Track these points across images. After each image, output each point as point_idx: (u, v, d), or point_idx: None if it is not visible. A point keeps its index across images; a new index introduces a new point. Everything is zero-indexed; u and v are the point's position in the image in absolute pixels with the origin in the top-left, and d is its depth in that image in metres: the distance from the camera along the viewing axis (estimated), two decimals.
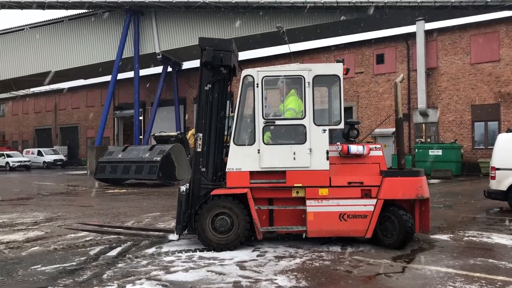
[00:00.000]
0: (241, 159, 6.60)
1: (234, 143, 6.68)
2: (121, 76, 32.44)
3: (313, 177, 6.50)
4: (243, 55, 33.90)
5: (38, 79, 34.77)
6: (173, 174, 18.68)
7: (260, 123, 6.58)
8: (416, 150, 22.85)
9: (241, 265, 5.78)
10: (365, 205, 6.49)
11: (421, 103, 25.02)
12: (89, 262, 6.08)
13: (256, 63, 31.93)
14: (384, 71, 26.84)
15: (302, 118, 6.56)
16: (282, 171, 6.55)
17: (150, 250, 6.66)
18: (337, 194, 6.50)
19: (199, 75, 6.96)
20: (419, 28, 25.03)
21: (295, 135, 6.65)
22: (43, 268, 5.79)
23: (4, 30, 34.20)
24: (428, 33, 25.24)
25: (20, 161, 36.53)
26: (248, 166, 6.58)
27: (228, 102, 7.19)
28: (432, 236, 7.48)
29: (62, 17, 32.58)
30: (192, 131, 24.49)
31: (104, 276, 5.37)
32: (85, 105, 42.27)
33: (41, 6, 29.97)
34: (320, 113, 6.84)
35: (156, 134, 23.94)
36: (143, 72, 33.26)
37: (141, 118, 34.90)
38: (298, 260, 5.98)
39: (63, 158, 39.41)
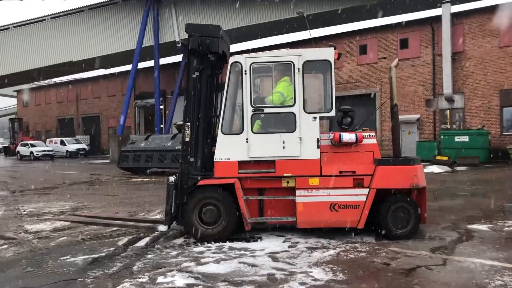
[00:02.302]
0: (229, 149, 6.42)
1: (222, 132, 6.48)
2: (141, 65, 32.46)
3: (303, 166, 6.30)
4: (262, 42, 33.63)
5: (59, 69, 35.06)
6: None
7: (248, 111, 6.36)
8: (442, 137, 22.29)
9: (273, 256, 5.60)
10: (357, 195, 6.25)
11: (447, 88, 24.36)
12: (118, 253, 5.98)
13: (273, 50, 31.57)
14: (408, 56, 26.18)
15: (291, 106, 6.33)
16: (272, 161, 6.36)
17: (179, 240, 6.53)
18: (328, 183, 6.27)
19: (187, 62, 6.74)
20: (445, 11, 24.28)
21: (284, 123, 6.41)
22: (72, 259, 5.71)
23: (26, 21, 34.43)
24: (454, 16, 24.48)
25: (44, 151, 37.02)
26: (237, 156, 6.40)
27: (218, 91, 6.92)
28: (469, 226, 7.17)
29: (83, 7, 32.65)
30: None
31: (134, 267, 5.25)
32: (106, 94, 42.53)
33: None
34: (312, 100, 6.68)
35: (177, 123, 23.80)
36: (163, 61, 33.20)
37: (161, 107, 34.95)
38: (332, 252, 5.76)
39: (86, 147, 39.83)
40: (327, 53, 6.37)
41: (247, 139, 6.36)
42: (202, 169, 6.62)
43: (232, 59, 6.51)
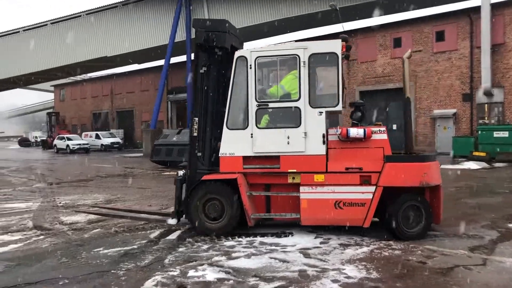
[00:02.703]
0: (234, 144, 6.38)
1: (227, 127, 6.44)
2: (173, 60, 32.76)
3: (308, 162, 6.16)
4: (293, 36, 33.31)
5: (94, 64, 35.81)
6: None
7: (253, 106, 6.30)
8: (479, 132, 21.54)
9: (305, 252, 5.51)
10: (363, 193, 6.00)
11: (485, 82, 23.50)
12: (150, 245, 6.02)
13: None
14: (445, 48, 25.40)
15: (296, 100, 6.19)
16: (276, 156, 6.27)
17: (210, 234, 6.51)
18: (334, 180, 6.09)
19: (194, 58, 6.71)
20: (484, 1, 23.38)
21: (289, 118, 6.28)
22: (105, 251, 5.78)
23: (62, 17, 35.29)
24: (494, 6, 23.55)
25: (79, 144, 37.94)
26: (241, 151, 6.36)
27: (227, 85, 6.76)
28: (510, 225, 6.88)
29: (116, 3, 33.19)
30: None
31: (166, 261, 5.27)
32: (139, 89, 43.20)
33: None
34: (318, 95, 6.48)
35: None
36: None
37: None
38: (365, 249, 5.63)
39: (120, 141, 40.61)
40: (334, 45, 6.15)
41: (251, 134, 6.31)
42: (210, 163, 6.62)
43: (237, 53, 6.44)
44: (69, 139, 38.68)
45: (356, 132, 6.04)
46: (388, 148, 6.12)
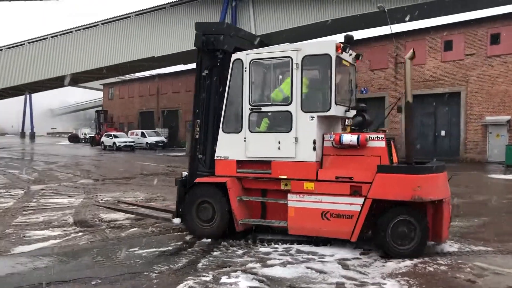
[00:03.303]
0: (228, 147, 6.29)
1: (223, 131, 6.37)
2: None
3: (298, 169, 5.86)
4: (341, 38, 32.64)
5: (141, 64, 36.60)
6: None
7: (246, 109, 6.14)
8: None
9: (343, 263, 5.25)
10: (351, 204, 5.56)
11: None
12: (185, 248, 5.94)
13: (352, 46, 30.64)
14: (500, 52, 24.15)
15: (288, 104, 5.92)
16: (268, 161, 6.05)
17: (244, 238, 6.36)
18: (323, 189, 5.73)
19: (197, 61, 6.68)
20: None
21: (280, 122, 6.05)
22: (140, 251, 5.75)
23: (112, 18, 36.27)
24: None
25: (125, 142, 38.93)
26: (235, 155, 6.25)
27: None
28: None
29: (164, 4, 33.78)
30: None
31: (199, 264, 5.16)
32: (185, 89, 43.83)
33: None
34: (311, 99, 6.13)
35: None
36: None
37: None
38: (408, 262, 5.29)
39: (164, 140, 41.34)
40: (327, 47, 5.81)
41: (245, 138, 6.17)
42: (210, 166, 6.55)
43: (234, 56, 6.32)
44: (115, 136, 39.77)
45: (349, 138, 5.66)
46: (386, 157, 5.61)
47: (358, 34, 31.28)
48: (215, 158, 6.41)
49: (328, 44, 5.84)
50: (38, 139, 70.52)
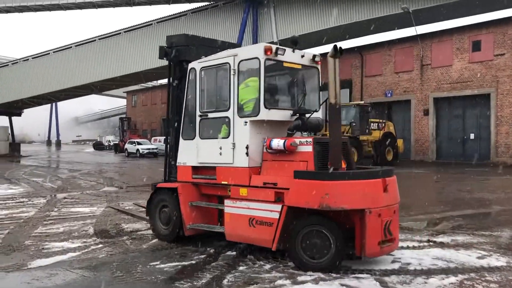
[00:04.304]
0: (186, 154, 6.47)
1: (182, 137, 6.56)
2: None
3: (236, 174, 5.82)
4: (364, 40, 32.17)
5: (164, 71, 36.68)
6: None
7: (197, 116, 6.29)
8: None
9: (381, 280, 4.82)
10: (271, 211, 5.34)
11: None
12: (209, 261, 5.58)
13: (376, 48, 30.06)
14: None
15: (227, 110, 5.91)
16: (213, 167, 6.13)
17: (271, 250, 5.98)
18: (254, 195, 5.59)
19: (168, 72, 7.00)
20: None
21: (220, 128, 6.07)
22: (162, 265, 5.42)
23: (133, 26, 36.52)
24: None
25: (149, 148, 39.04)
26: (191, 161, 6.41)
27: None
28: None
29: (186, 11, 33.83)
30: None
31: (224, 281, 4.80)
32: None
33: (167, 1, 31.49)
34: (245, 103, 5.89)
35: None
36: None
37: None
38: (453, 279, 4.83)
39: None
40: (257, 50, 5.66)
41: (197, 144, 6.29)
42: None
43: (189, 65, 6.47)
44: (139, 143, 39.95)
45: (277, 143, 5.42)
46: (312, 162, 5.24)
47: (382, 37, 30.75)
48: (176, 164, 6.65)
49: (257, 47, 5.76)
50: (64, 147, 71.70)
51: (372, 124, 23.26)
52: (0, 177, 18.04)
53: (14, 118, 45.91)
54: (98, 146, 62.74)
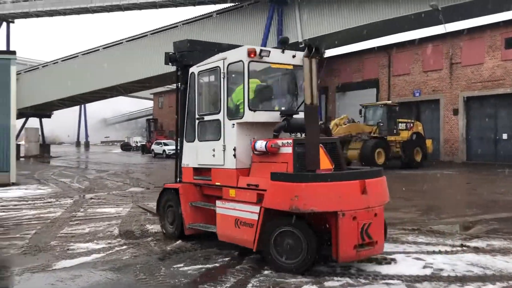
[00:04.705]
0: (188, 155, 6.69)
1: (185, 140, 6.78)
2: None
3: (226, 176, 5.93)
4: (391, 39, 31.56)
5: None
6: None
7: (196, 119, 6.47)
8: None
9: (412, 286, 4.60)
10: (252, 212, 5.42)
11: None
12: (233, 264, 5.47)
13: (403, 47, 29.47)
14: None
15: (218, 113, 6.01)
16: (209, 169, 6.29)
17: None
18: (240, 196, 5.68)
19: (175, 77, 7.21)
20: None
21: (214, 131, 6.19)
22: (185, 268, 5.33)
23: (159, 28, 36.87)
24: None
25: (175, 149, 39.27)
26: (192, 163, 6.60)
27: None
28: None
29: (211, 12, 33.95)
30: (335, 121, 23.41)
31: (249, 285, 4.67)
32: None
33: (192, 3, 31.68)
34: (234, 106, 6.02)
35: None
36: None
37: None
38: (490, 287, 4.57)
39: None
40: (241, 53, 5.70)
41: (196, 146, 6.49)
42: None
43: (190, 70, 6.61)
44: (165, 144, 40.28)
45: (260, 145, 5.45)
46: (291, 164, 5.18)
47: (410, 35, 30.09)
48: (181, 165, 6.85)
49: (241, 50, 5.74)
50: (92, 148, 73.13)
51: (400, 124, 22.79)
52: (30, 177, 18.43)
53: (44, 120, 47.05)
54: (126, 147, 63.67)
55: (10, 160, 14.74)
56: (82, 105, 67.49)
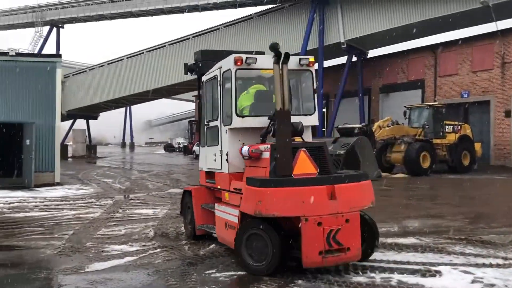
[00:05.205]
0: (202, 160, 6.99)
1: (200, 145, 7.10)
2: None
3: (223, 180, 6.17)
4: (438, 38, 30.38)
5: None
6: (358, 169, 17.33)
7: (204, 125, 6.75)
8: None
9: None
10: (235, 216, 5.58)
11: None
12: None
13: (451, 46, 28.34)
14: None
15: (217, 119, 6.23)
16: (213, 172, 6.52)
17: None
18: (231, 200, 5.85)
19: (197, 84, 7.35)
20: None
21: (215, 137, 6.41)
22: (217, 274, 5.17)
23: (201, 31, 37.23)
24: None
25: None
26: (205, 167, 6.87)
27: None
28: None
29: (251, 14, 33.94)
30: (378, 123, 22.71)
31: None
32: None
33: (233, 5, 31.77)
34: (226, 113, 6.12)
35: (339, 126, 22.88)
36: (326, 63, 32.53)
37: (324, 110, 34.32)
38: None
39: None
40: (229, 61, 5.82)
41: (206, 151, 6.78)
42: None
43: (202, 79, 6.84)
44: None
45: (245, 150, 5.59)
46: (268, 168, 5.24)
47: (457, 34, 28.89)
48: (199, 169, 7.16)
49: (229, 58, 5.84)
50: (137, 149, 74.95)
51: (446, 126, 21.86)
52: (75, 177, 18.95)
53: (91, 121, 48.55)
54: (169, 148, 64.77)
55: (55, 161, 15.17)
56: (128, 107, 69.29)
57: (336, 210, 4.88)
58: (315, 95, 6.29)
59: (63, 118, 45.09)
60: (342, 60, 32.85)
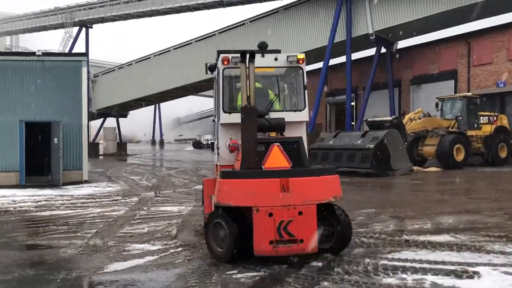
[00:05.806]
0: (215, 154, 6.95)
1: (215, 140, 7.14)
2: (332, 61, 31.72)
3: (217, 171, 6.41)
4: (471, 26, 29.15)
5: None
6: (388, 163, 16.84)
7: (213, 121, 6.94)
8: None
9: None
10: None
11: None
12: (289, 272, 5.00)
13: (485, 34, 27.23)
14: None
15: (216, 115, 6.51)
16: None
17: (364, 262, 5.22)
18: None
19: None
20: None
21: (215, 132, 6.74)
22: (239, 275, 4.95)
23: (226, 27, 37.08)
24: None
25: None
26: (217, 161, 6.83)
27: None
28: None
29: (277, 8, 33.54)
30: (409, 115, 22.02)
31: None
32: None
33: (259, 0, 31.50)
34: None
35: (369, 120, 22.30)
36: (354, 55, 31.85)
37: (353, 103, 33.65)
38: None
39: None
40: (219, 61, 6.09)
41: (215, 145, 6.87)
42: None
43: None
44: None
45: (226, 144, 6.00)
46: (239, 162, 5.59)
47: (492, 21, 27.70)
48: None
49: (220, 58, 6.03)
50: (166, 146, 75.74)
51: (481, 117, 21.01)
52: (103, 175, 19.12)
53: (121, 119, 49.21)
54: (197, 144, 65.19)
55: (83, 159, 15.29)
56: (157, 105, 70.02)
57: (288, 202, 5.07)
58: (305, 91, 6.34)
59: (94, 117, 46.07)
60: (370, 52, 32.10)
